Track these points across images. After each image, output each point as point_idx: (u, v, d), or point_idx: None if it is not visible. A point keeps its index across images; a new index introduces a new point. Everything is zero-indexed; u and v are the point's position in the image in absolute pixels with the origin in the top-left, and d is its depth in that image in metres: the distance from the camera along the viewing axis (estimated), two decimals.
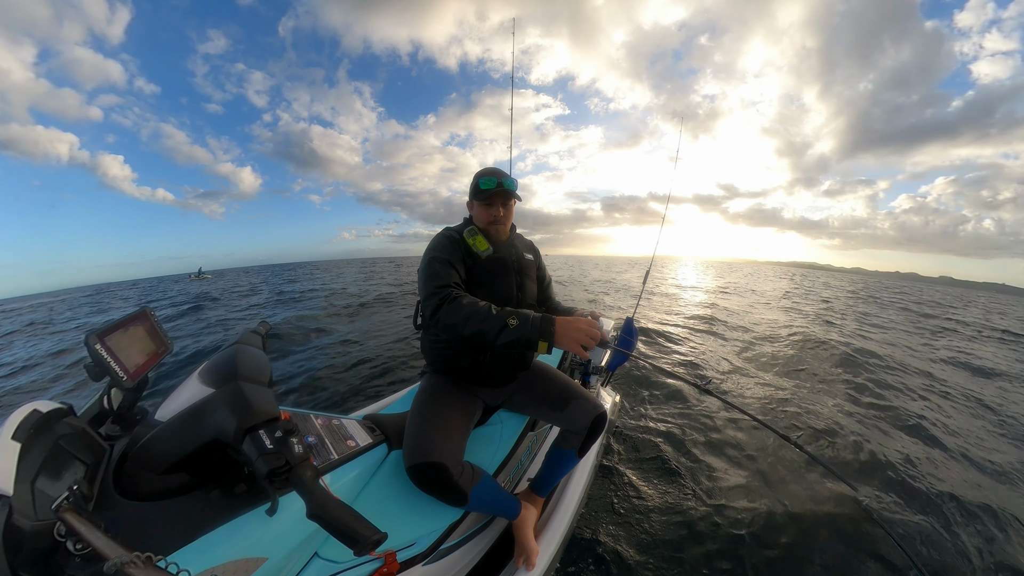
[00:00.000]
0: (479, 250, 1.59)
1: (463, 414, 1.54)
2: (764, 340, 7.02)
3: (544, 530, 1.68)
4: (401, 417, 1.56)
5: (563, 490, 1.93)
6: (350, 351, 5.75)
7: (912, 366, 5.88)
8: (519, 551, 1.53)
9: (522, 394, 1.72)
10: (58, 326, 11.89)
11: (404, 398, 2.01)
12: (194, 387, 1.01)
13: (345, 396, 4.09)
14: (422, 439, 1.35)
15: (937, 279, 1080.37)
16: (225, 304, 13.22)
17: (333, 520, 0.74)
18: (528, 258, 1.78)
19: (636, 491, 2.56)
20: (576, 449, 1.62)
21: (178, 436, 0.90)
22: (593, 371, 2.61)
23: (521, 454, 1.90)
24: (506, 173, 1.63)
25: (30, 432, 0.78)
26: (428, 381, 1.64)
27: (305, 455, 0.84)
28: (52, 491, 0.74)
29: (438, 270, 1.46)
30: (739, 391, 4.45)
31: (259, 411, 0.88)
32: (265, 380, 1.07)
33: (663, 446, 3.11)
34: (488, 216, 1.63)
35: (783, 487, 2.69)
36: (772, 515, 2.41)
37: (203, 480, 0.94)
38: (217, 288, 22.52)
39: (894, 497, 2.64)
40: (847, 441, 3.33)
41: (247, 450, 0.81)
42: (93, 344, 0.97)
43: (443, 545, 1.39)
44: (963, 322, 12.39)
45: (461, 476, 1.32)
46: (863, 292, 20.62)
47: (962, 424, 3.95)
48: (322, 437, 1.22)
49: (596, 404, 1.62)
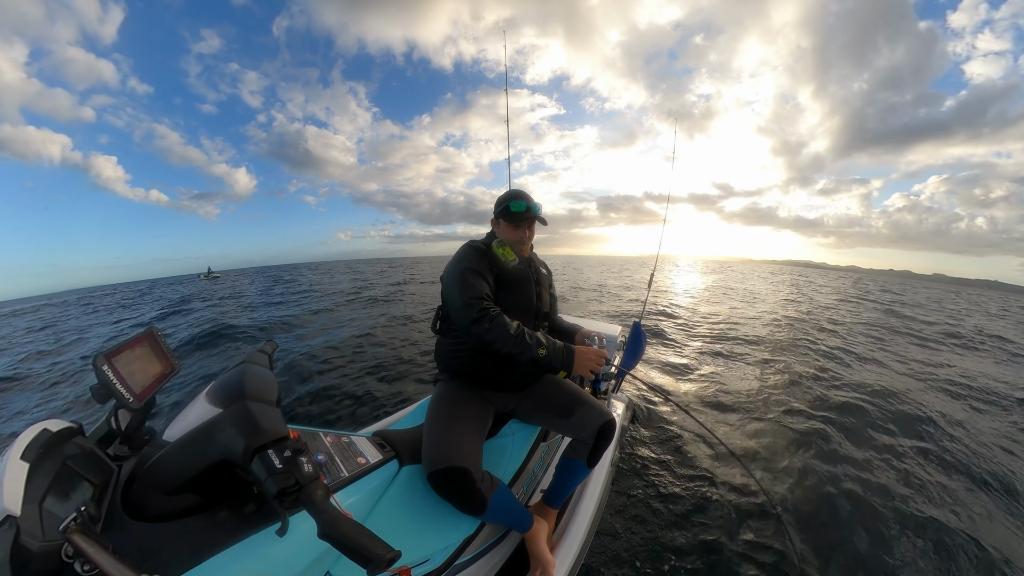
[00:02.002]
0: (507, 260, 1.69)
1: (478, 421, 1.55)
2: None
3: (560, 542, 1.66)
4: (410, 432, 1.55)
5: (578, 500, 1.90)
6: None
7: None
8: (535, 564, 1.50)
9: (530, 401, 1.71)
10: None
11: (414, 413, 2.00)
12: (202, 407, 1.01)
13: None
14: (442, 445, 1.35)
15: (930, 276, 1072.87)
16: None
17: (345, 539, 0.72)
18: (544, 272, 1.93)
19: (655, 498, 2.53)
20: (585, 459, 1.60)
21: (186, 456, 0.89)
22: (603, 378, 2.59)
23: (534, 465, 1.87)
24: (531, 197, 1.75)
25: (39, 452, 0.78)
26: (442, 388, 1.66)
27: (315, 474, 0.83)
28: (60, 512, 0.73)
29: (472, 281, 1.53)
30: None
31: (267, 431, 0.87)
32: (273, 399, 1.06)
33: (680, 451, 3.07)
34: (515, 236, 1.75)
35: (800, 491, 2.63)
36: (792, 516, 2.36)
37: (212, 501, 0.92)
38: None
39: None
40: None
41: (256, 470, 0.81)
42: (101, 365, 0.96)
43: (458, 560, 1.37)
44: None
45: (482, 482, 1.33)
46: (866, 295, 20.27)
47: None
48: (332, 455, 1.21)
49: (603, 412, 1.61)
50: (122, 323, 12.22)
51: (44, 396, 5.35)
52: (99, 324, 12.62)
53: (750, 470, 2.91)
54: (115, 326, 11.76)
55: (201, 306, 13.64)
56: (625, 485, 2.64)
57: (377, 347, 6.34)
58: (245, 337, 7.61)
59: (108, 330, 11.10)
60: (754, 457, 3.14)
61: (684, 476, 2.78)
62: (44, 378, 6.26)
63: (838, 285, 29.13)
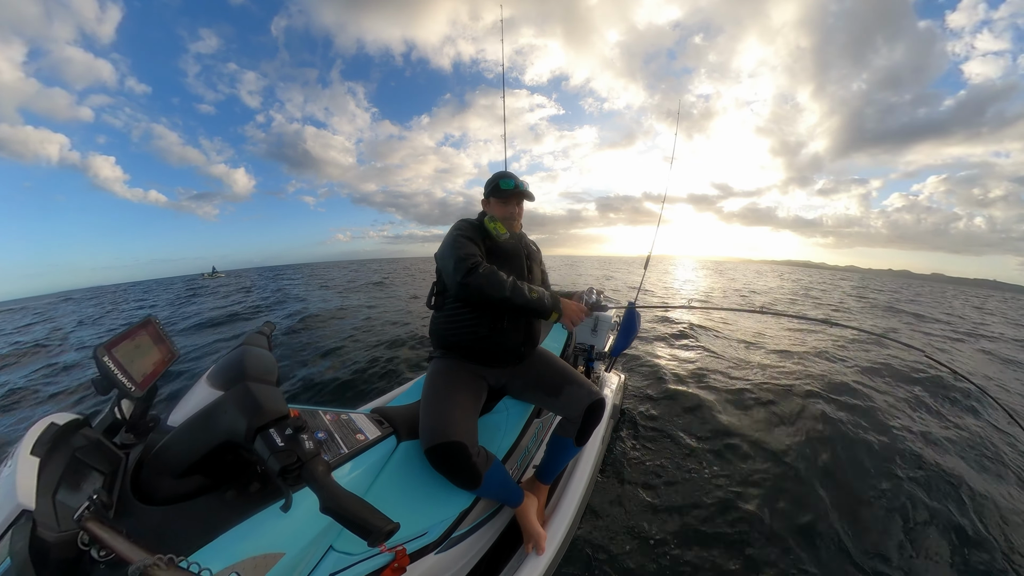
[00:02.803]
0: (498, 233, 1.74)
1: (473, 397, 1.59)
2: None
3: (552, 516, 1.70)
4: (408, 409, 1.58)
5: (570, 476, 1.94)
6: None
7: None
8: (527, 538, 1.56)
9: (522, 379, 1.75)
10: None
11: (410, 390, 2.03)
12: (203, 391, 1.03)
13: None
14: (439, 421, 1.39)
15: (929, 276, 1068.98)
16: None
17: (346, 513, 0.75)
18: (534, 249, 1.99)
19: (644, 473, 2.59)
20: (573, 437, 1.63)
21: (191, 440, 0.92)
22: (597, 356, 2.63)
23: (527, 442, 1.91)
24: (519, 177, 1.84)
25: (48, 446, 0.80)
26: (437, 366, 1.69)
27: (316, 451, 0.86)
28: (73, 502, 0.75)
29: (465, 243, 1.60)
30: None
31: (268, 410, 0.88)
32: (273, 379, 1.07)
33: (669, 426, 3.15)
34: (505, 212, 1.82)
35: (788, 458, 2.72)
36: (780, 493, 2.43)
37: (218, 481, 0.96)
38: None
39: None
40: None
41: (259, 449, 0.83)
42: (101, 356, 0.98)
43: (454, 534, 1.41)
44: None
45: (478, 457, 1.37)
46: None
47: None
48: (331, 432, 1.23)
49: (592, 390, 1.64)
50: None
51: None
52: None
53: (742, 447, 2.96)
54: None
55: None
56: (615, 462, 2.69)
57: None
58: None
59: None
60: (748, 435, 3.14)
61: (676, 454, 2.83)
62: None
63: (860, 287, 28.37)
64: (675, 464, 2.71)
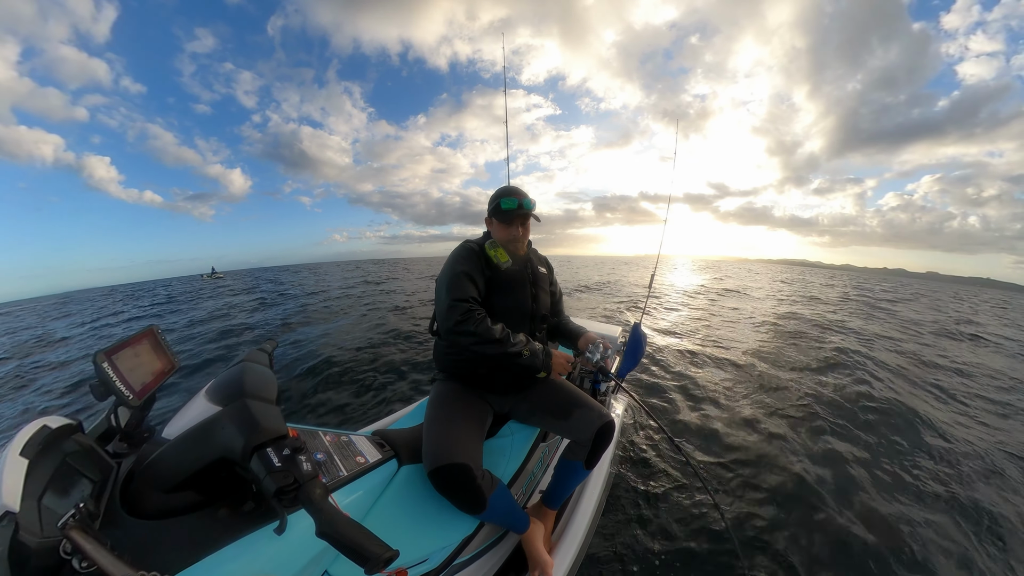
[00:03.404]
0: (499, 261, 1.66)
1: (477, 420, 1.55)
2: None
3: (559, 543, 1.65)
4: (410, 432, 1.55)
5: (577, 501, 1.89)
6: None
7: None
8: (533, 565, 1.50)
9: (528, 403, 1.71)
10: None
11: (413, 413, 2.00)
12: (201, 405, 1.01)
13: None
14: (443, 442, 1.35)
15: (924, 275, 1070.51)
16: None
17: (343, 538, 0.72)
18: (542, 271, 1.86)
19: (653, 498, 2.51)
20: (583, 461, 1.59)
21: (185, 454, 0.89)
22: (603, 378, 2.59)
23: (533, 466, 1.87)
24: (524, 193, 1.72)
25: (38, 448, 0.78)
26: (440, 388, 1.66)
27: (314, 473, 0.83)
28: (59, 508, 0.73)
29: (461, 283, 1.53)
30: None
31: (266, 429, 0.87)
32: (272, 397, 1.06)
33: (680, 445, 3.05)
34: (508, 235, 1.71)
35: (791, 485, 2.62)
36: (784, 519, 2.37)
37: (211, 498, 0.92)
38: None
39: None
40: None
41: (255, 468, 0.81)
42: (101, 363, 0.97)
43: (456, 560, 1.37)
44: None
45: (483, 479, 1.33)
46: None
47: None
48: (331, 454, 1.21)
49: (602, 413, 1.60)
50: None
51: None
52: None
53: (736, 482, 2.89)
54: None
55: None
56: (623, 486, 2.62)
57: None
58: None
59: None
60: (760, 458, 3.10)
61: (687, 474, 2.76)
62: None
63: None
64: (687, 488, 2.63)
